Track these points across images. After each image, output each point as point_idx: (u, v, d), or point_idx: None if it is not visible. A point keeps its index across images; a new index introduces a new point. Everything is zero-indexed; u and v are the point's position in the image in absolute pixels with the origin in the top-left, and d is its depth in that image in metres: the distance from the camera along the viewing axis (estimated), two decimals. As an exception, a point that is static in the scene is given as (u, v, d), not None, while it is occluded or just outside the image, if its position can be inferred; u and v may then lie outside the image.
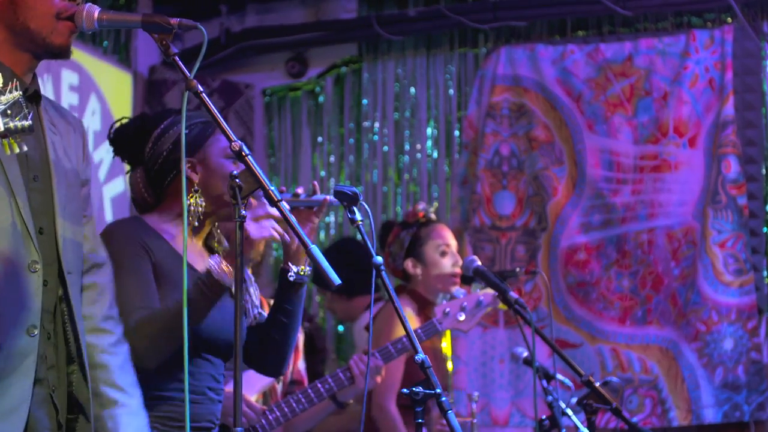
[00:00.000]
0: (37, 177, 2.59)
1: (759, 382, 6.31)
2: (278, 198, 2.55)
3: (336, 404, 4.28)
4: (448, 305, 4.36)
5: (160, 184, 3.22)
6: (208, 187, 3.15)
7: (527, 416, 6.63)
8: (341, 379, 4.11)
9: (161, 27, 2.56)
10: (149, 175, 3.23)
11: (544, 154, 6.82)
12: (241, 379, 2.44)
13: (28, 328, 2.49)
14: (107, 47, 6.63)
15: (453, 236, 4.89)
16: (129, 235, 3.10)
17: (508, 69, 6.94)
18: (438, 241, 4.76)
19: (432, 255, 4.75)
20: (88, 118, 6.19)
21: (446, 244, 4.77)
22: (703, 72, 6.62)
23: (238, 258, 2.47)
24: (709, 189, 6.49)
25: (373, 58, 7.29)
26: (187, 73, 2.55)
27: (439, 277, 4.72)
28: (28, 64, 2.62)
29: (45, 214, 2.59)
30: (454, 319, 4.34)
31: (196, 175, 3.16)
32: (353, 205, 3.16)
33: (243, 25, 7.45)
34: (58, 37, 2.58)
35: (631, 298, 6.61)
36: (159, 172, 3.21)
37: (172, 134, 3.20)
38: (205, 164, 3.17)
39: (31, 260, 2.51)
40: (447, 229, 4.88)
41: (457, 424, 2.84)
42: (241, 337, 3.15)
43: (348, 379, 4.11)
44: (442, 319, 4.35)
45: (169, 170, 3.19)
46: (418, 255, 4.73)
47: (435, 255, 4.75)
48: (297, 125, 7.44)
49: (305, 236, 2.53)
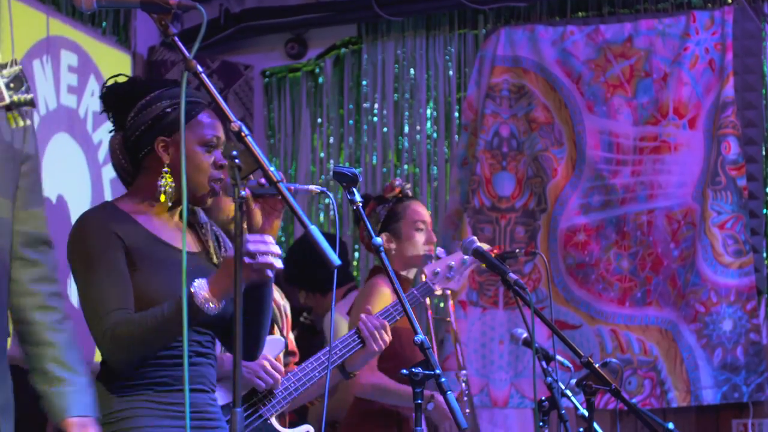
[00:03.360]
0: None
1: (758, 364, 6.32)
2: (278, 179, 2.55)
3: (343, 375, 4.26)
4: (436, 265, 4.39)
5: (136, 155, 3.14)
6: (177, 170, 3.07)
7: (526, 397, 6.64)
8: (350, 343, 4.09)
9: (160, 7, 2.56)
10: (127, 144, 3.15)
11: (544, 135, 6.82)
12: (240, 363, 2.44)
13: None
14: (106, 28, 6.61)
15: (428, 213, 4.89)
16: (99, 227, 3.03)
17: (508, 50, 6.92)
18: (413, 217, 4.76)
19: (407, 230, 4.75)
20: (88, 98, 6.18)
21: (422, 221, 4.77)
22: (703, 53, 6.61)
23: (237, 238, 2.46)
24: (708, 170, 6.49)
25: (373, 39, 7.27)
26: (186, 53, 2.55)
27: (413, 253, 4.72)
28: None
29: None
30: (443, 278, 4.36)
31: (167, 156, 3.09)
32: (352, 186, 3.16)
33: (242, 5, 7.43)
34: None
35: (630, 280, 6.61)
36: (135, 144, 3.13)
37: (155, 108, 3.11)
38: (178, 147, 3.06)
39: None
40: (423, 206, 4.87)
41: (456, 404, 2.85)
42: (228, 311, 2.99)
43: (357, 343, 4.09)
44: (433, 279, 4.37)
45: (145, 144, 3.11)
46: (393, 230, 4.72)
47: (410, 230, 4.75)
48: (296, 106, 7.43)
49: (305, 217, 2.53)
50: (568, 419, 3.95)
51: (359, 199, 3.15)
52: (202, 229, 3.23)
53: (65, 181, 5.91)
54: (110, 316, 2.93)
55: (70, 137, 6.04)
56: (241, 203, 2.48)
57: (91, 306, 2.97)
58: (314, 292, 6.06)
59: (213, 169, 3.12)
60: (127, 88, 3.20)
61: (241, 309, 2.41)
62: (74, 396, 2.74)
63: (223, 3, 7.35)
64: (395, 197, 4.83)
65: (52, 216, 5.69)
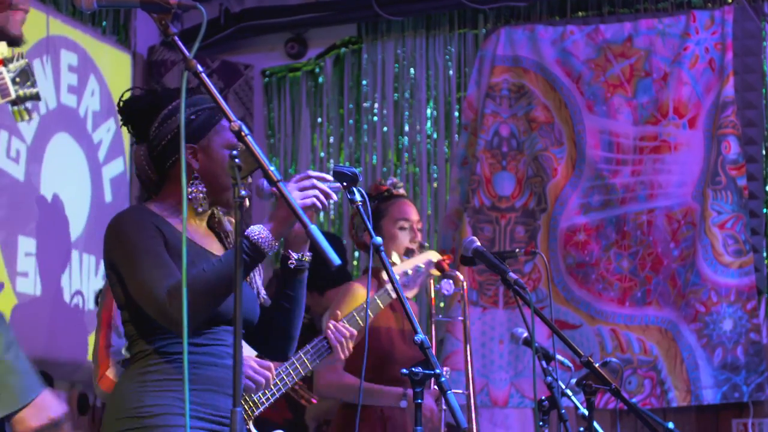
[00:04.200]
0: None
1: (758, 363, 6.32)
2: (278, 178, 2.55)
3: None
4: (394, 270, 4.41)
5: (162, 165, 3.20)
6: (208, 175, 3.13)
7: (526, 397, 6.64)
8: (320, 349, 4.13)
9: (160, 7, 2.55)
10: (152, 154, 3.20)
11: (544, 135, 6.82)
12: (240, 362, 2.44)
13: None
14: (106, 27, 6.61)
15: (416, 212, 4.88)
16: (139, 220, 3.07)
17: (508, 50, 6.92)
18: (397, 216, 4.76)
19: (389, 229, 4.75)
20: (87, 98, 6.18)
21: (404, 219, 4.77)
22: (703, 52, 6.61)
23: (238, 237, 2.47)
24: (708, 170, 6.49)
25: (373, 38, 7.27)
26: (186, 53, 2.55)
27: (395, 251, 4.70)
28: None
29: None
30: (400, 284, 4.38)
31: (196, 162, 3.14)
32: (353, 186, 3.17)
33: (242, 5, 7.44)
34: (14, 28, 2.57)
35: (630, 279, 6.61)
36: (161, 153, 3.18)
37: (179, 117, 3.15)
38: (206, 152, 3.14)
39: None
40: (409, 205, 4.86)
41: (456, 404, 2.85)
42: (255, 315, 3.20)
43: (326, 349, 4.12)
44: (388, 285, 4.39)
45: (171, 153, 3.16)
46: (376, 228, 4.72)
47: (393, 229, 4.75)
48: (296, 106, 7.43)
49: (305, 217, 2.54)
50: (568, 419, 3.96)
51: (359, 199, 3.15)
52: (228, 238, 3.28)
53: (65, 181, 5.91)
54: (162, 284, 2.94)
55: (70, 137, 6.04)
56: (241, 203, 2.48)
57: (144, 290, 2.97)
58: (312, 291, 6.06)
59: None
60: (148, 99, 3.25)
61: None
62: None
63: (223, 3, 7.35)
64: (381, 195, 4.83)
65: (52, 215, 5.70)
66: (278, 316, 3.26)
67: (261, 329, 3.27)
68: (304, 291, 3.28)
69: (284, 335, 3.27)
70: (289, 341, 3.30)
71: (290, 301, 3.25)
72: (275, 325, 3.27)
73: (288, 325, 3.27)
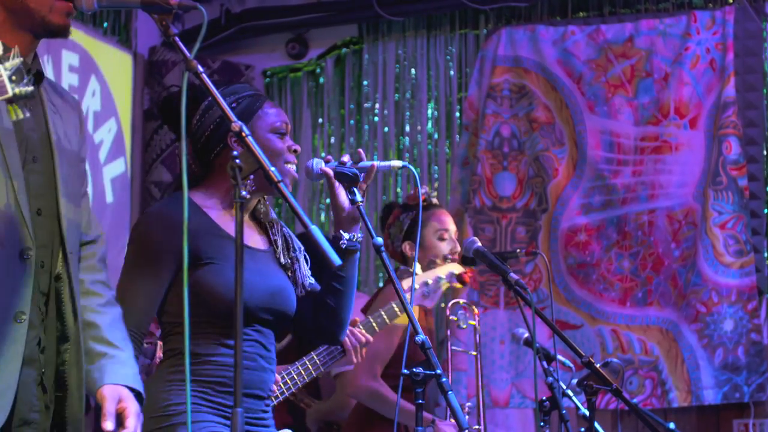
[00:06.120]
0: (36, 158, 2.59)
1: (759, 364, 6.32)
2: (278, 179, 2.54)
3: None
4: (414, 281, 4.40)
5: (207, 157, 3.20)
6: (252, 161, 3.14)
7: (527, 397, 6.64)
8: (333, 351, 4.12)
9: (161, 7, 2.55)
10: (195, 147, 3.21)
11: (545, 135, 6.82)
12: (241, 362, 2.44)
13: (17, 314, 2.48)
14: (107, 28, 6.61)
15: (453, 222, 4.88)
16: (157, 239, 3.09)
17: (509, 50, 6.92)
18: (437, 226, 4.76)
19: (430, 239, 4.75)
20: (88, 98, 6.19)
21: (445, 229, 4.77)
22: (704, 53, 6.61)
23: (238, 237, 2.46)
24: (709, 170, 6.49)
25: (374, 39, 7.27)
26: (187, 53, 2.54)
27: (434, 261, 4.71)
28: (29, 44, 2.61)
29: (44, 195, 2.59)
30: (420, 294, 4.36)
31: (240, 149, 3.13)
32: (353, 186, 3.17)
33: (243, 5, 7.44)
34: (56, 17, 2.57)
35: (631, 280, 6.61)
36: (205, 145, 3.19)
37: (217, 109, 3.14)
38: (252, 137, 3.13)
39: (24, 246, 2.50)
40: (447, 215, 4.88)
41: (457, 404, 2.85)
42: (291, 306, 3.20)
43: (340, 351, 4.11)
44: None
45: (216, 144, 3.17)
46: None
47: (433, 239, 4.75)
48: (297, 106, 7.43)
49: (305, 217, 2.53)
50: (569, 419, 3.95)
51: (360, 199, 3.16)
52: (272, 228, 3.29)
53: (66, 181, 5.90)
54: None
55: (70, 137, 6.03)
56: (242, 203, 2.48)
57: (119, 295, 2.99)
58: None
59: (287, 153, 3.21)
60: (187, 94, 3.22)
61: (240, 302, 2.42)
62: (111, 367, 2.68)
63: (224, 3, 7.36)
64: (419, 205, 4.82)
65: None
66: (329, 299, 3.26)
67: (309, 313, 3.28)
68: (356, 271, 3.29)
69: (335, 318, 3.27)
70: (341, 324, 3.30)
71: (342, 282, 3.25)
72: (325, 307, 3.27)
73: (339, 307, 3.27)
